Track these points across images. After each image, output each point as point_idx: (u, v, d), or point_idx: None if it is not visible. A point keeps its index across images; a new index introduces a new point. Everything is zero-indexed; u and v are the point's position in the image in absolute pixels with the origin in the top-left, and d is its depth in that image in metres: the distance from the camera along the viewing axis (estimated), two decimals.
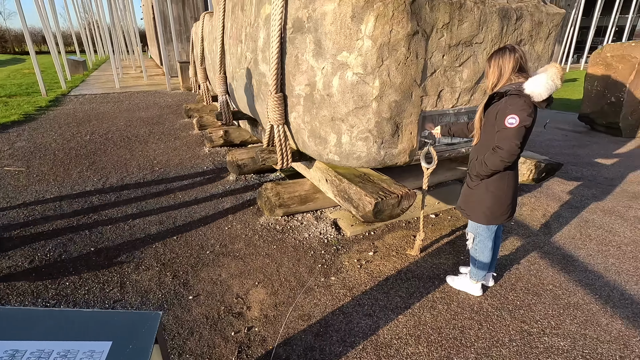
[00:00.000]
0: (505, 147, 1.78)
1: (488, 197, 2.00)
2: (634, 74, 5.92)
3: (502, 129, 1.79)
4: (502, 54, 1.82)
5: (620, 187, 4.20)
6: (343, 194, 2.61)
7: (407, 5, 2.06)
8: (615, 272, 2.60)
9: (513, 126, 1.75)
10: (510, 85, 1.80)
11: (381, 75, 2.17)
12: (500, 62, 1.82)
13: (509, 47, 1.81)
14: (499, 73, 1.83)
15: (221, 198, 3.74)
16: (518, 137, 1.76)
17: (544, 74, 1.74)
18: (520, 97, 1.74)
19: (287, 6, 2.44)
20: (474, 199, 2.06)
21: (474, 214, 2.08)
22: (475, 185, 2.03)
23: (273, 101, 2.68)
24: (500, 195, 1.98)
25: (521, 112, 1.73)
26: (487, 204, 2.01)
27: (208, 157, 5.04)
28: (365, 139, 2.34)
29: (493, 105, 1.86)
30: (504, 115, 1.77)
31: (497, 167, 1.86)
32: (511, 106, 1.75)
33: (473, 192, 2.06)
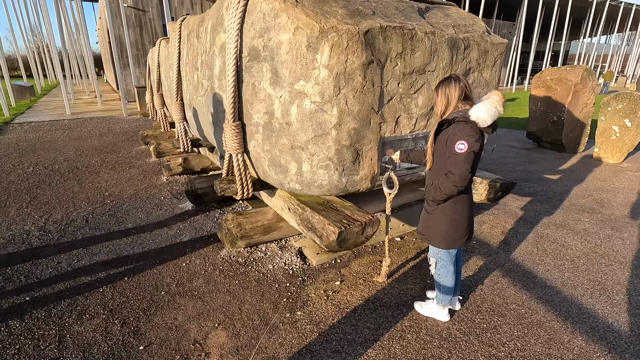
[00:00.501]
0: (457, 172, 1.83)
1: (445, 221, 2.02)
2: (570, 95, 6.47)
3: (452, 154, 1.84)
4: (448, 83, 1.89)
5: (568, 201, 4.47)
6: (306, 223, 2.54)
7: (361, 36, 2.10)
8: (572, 287, 2.70)
9: (462, 151, 1.80)
10: (457, 113, 1.86)
11: (339, 103, 2.17)
12: (447, 91, 1.89)
13: (454, 77, 1.89)
14: (446, 101, 1.90)
15: (179, 231, 3.52)
16: (468, 161, 1.82)
17: (487, 101, 1.83)
18: (467, 124, 1.81)
19: (242, 35, 2.41)
20: (432, 224, 2.08)
21: (434, 239, 2.09)
22: (432, 210, 2.05)
23: (230, 130, 2.59)
24: (457, 219, 2.01)
25: (469, 137, 1.79)
26: (445, 227, 2.03)
27: (166, 186, 4.79)
28: (326, 167, 2.31)
29: (443, 131, 1.91)
30: (453, 141, 1.82)
31: (451, 192, 1.90)
32: (459, 132, 1.80)
33: (431, 217, 2.07)
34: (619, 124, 6.04)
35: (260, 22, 2.28)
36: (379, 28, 2.17)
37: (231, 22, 2.39)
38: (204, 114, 3.37)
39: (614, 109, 6.09)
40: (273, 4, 2.20)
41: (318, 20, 2.07)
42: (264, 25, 2.26)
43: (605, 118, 6.21)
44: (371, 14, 2.32)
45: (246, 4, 2.33)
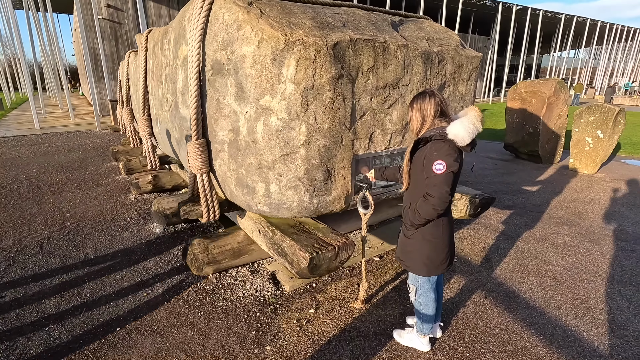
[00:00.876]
0: (435, 195, 1.70)
1: (425, 246, 1.88)
2: (545, 107, 6.58)
3: (430, 175, 1.71)
4: (422, 98, 1.78)
5: (547, 213, 4.45)
6: (276, 247, 2.36)
7: (329, 49, 1.98)
8: (555, 306, 2.59)
9: (441, 172, 1.67)
10: (433, 130, 1.75)
11: (307, 120, 2.02)
12: (422, 106, 1.78)
13: (429, 92, 1.79)
14: (422, 118, 1.78)
15: (143, 256, 3.26)
16: (447, 183, 1.69)
17: (465, 118, 1.72)
18: (445, 142, 1.70)
19: (205, 47, 2.25)
20: (411, 249, 1.93)
21: (414, 266, 1.95)
22: (411, 234, 1.91)
23: (194, 148, 2.40)
24: (438, 243, 1.88)
25: (447, 157, 1.67)
26: (425, 253, 1.89)
27: (134, 205, 4.51)
28: (295, 188, 2.15)
29: (419, 150, 1.79)
30: (431, 161, 1.70)
31: (431, 216, 1.76)
32: (437, 152, 1.69)
33: (410, 241, 1.93)
34: (591, 135, 6.16)
35: (223, 34, 2.13)
36: (348, 40, 2.06)
37: (192, 33, 2.23)
38: (170, 130, 3.17)
39: (587, 121, 6.22)
40: (236, 15, 2.06)
41: (283, 32, 1.94)
42: (227, 37, 2.11)
43: (578, 130, 6.32)
44: (341, 26, 2.21)
45: (208, 15, 2.18)
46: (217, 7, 2.15)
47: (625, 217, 4.33)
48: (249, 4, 2.09)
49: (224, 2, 2.12)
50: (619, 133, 6.23)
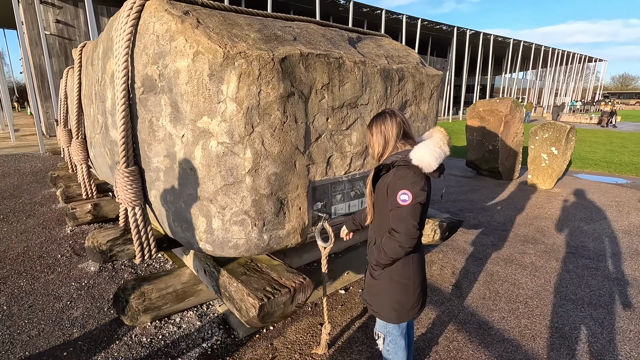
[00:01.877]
0: (401, 230, 1.46)
1: (394, 288, 1.63)
2: (502, 125, 6.76)
3: (395, 207, 1.48)
4: (382, 119, 1.58)
5: (512, 231, 4.41)
6: (223, 290, 2.02)
7: (277, 64, 1.74)
8: (531, 337, 2.43)
9: (407, 203, 1.44)
10: (396, 155, 1.53)
11: (253, 144, 1.75)
12: (382, 128, 1.57)
13: (389, 112, 1.59)
14: (383, 141, 1.57)
15: (70, 302, 2.77)
16: (414, 216, 1.46)
17: (430, 140, 1.52)
18: (409, 169, 1.48)
19: (134, 61, 1.94)
20: (378, 292, 1.67)
21: (382, 311, 1.68)
22: (378, 274, 1.65)
23: (123, 177, 2.05)
24: (408, 285, 1.63)
25: (413, 186, 1.45)
26: (395, 296, 1.63)
27: (69, 240, 3.96)
28: (241, 223, 1.84)
29: (382, 177, 1.57)
30: (395, 190, 1.47)
31: (398, 254, 1.52)
32: (400, 180, 1.47)
33: (376, 282, 1.67)
34: (547, 151, 6.36)
35: (153, 46, 1.84)
36: (298, 55, 1.84)
37: (118, 45, 1.92)
38: (103, 155, 2.77)
39: (542, 138, 6.43)
40: (168, 25, 1.78)
41: (223, 44, 1.68)
42: (158, 49, 1.82)
43: (534, 146, 6.52)
44: (291, 39, 1.99)
45: (136, 24, 1.89)
46: (146, 15, 1.86)
47: (585, 232, 4.38)
48: (184, 13, 1.83)
49: (155, 10, 1.84)
50: (571, 149, 6.49)
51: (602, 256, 3.72)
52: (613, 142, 13.31)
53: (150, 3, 1.89)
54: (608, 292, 3.02)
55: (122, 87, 1.93)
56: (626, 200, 5.74)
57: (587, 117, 23.73)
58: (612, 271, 3.39)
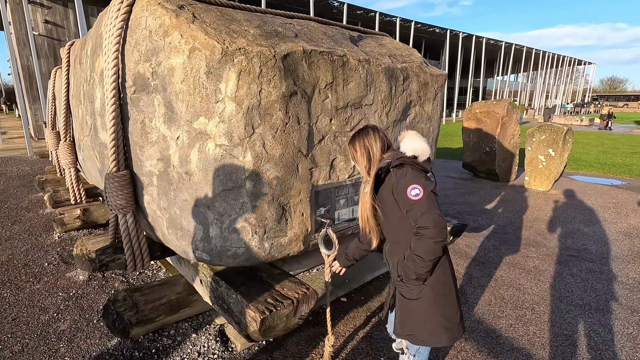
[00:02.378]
0: (429, 224, 1.34)
1: (441, 303, 1.49)
2: (499, 127, 6.73)
3: (410, 205, 1.39)
4: (365, 133, 1.56)
5: (512, 234, 4.35)
6: (221, 302, 1.90)
7: (279, 61, 1.63)
8: (540, 346, 2.34)
9: (420, 196, 1.37)
10: (387, 159, 1.49)
11: (253, 146, 1.64)
12: (366, 142, 1.54)
13: (370, 127, 1.59)
14: (367, 154, 1.53)
15: (57, 314, 2.62)
16: (434, 205, 1.39)
17: (409, 135, 1.53)
18: (405, 166, 1.44)
19: (125, 58, 1.82)
20: (422, 314, 1.50)
21: (431, 335, 1.50)
22: (418, 293, 1.49)
23: (113, 182, 1.92)
24: (451, 294, 1.53)
25: (417, 179, 1.40)
26: (443, 312, 1.49)
27: (56, 246, 3.80)
28: (241, 230, 1.73)
29: (383, 185, 1.50)
30: (402, 190, 1.40)
31: (436, 253, 1.38)
32: (402, 178, 1.41)
33: (417, 304, 1.50)
34: (544, 153, 6.34)
35: (146, 42, 1.72)
36: (301, 52, 1.73)
37: (108, 42, 1.80)
38: (92, 158, 2.63)
39: (539, 140, 6.41)
40: (162, 19, 1.66)
41: (221, 40, 1.57)
42: (151, 45, 1.70)
43: (531, 148, 6.50)
44: (293, 36, 1.89)
45: (127, 18, 1.77)
46: (138, 9, 1.75)
47: (585, 235, 4.34)
48: (178, 7, 1.71)
49: (147, 4, 1.72)
50: (568, 151, 6.48)
51: (605, 259, 3.67)
52: (605, 144, 13.44)
53: None
54: (614, 297, 2.96)
55: (112, 86, 1.81)
56: (623, 202, 5.73)
57: (578, 119, 24.01)
58: (616, 274, 3.34)
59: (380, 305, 2.78)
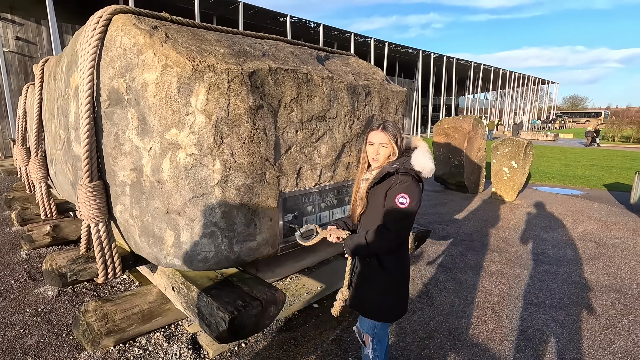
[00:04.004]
0: (394, 230, 1.58)
1: (391, 284, 1.72)
2: (466, 141, 7.11)
3: (391, 207, 1.58)
4: (400, 130, 1.73)
5: (479, 241, 4.59)
6: (192, 307, 1.96)
7: (246, 77, 1.78)
8: (498, 341, 2.51)
9: (404, 206, 1.56)
10: (394, 164, 1.65)
11: (222, 155, 1.76)
12: (399, 136, 1.71)
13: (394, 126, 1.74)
14: (397, 145, 1.69)
15: (24, 330, 2.58)
16: (408, 219, 1.59)
17: (421, 148, 1.70)
18: (409, 175, 1.61)
19: (100, 74, 1.92)
20: (374, 291, 1.73)
21: (378, 310, 1.74)
22: (373, 272, 1.72)
23: (86, 192, 1.98)
24: (402, 280, 1.76)
25: (412, 192, 1.57)
26: (393, 292, 1.73)
27: (24, 264, 3.71)
28: (211, 235, 1.82)
29: (381, 184, 1.66)
30: (394, 193, 1.58)
31: (380, 251, 1.65)
32: (400, 184, 1.58)
33: (372, 281, 1.73)
34: (507, 165, 6.73)
35: (120, 59, 1.84)
36: (267, 70, 1.89)
37: (84, 58, 1.90)
38: (64, 171, 2.67)
39: (502, 153, 6.81)
40: (136, 39, 1.79)
41: (192, 58, 1.71)
42: (126, 62, 1.82)
43: (496, 161, 6.89)
44: (260, 55, 2.05)
45: (102, 37, 1.88)
46: (113, 29, 1.87)
47: (545, 240, 4.63)
48: (152, 28, 1.85)
49: (122, 24, 1.85)
50: (529, 163, 6.91)
51: (561, 262, 3.94)
52: (567, 157, 14.28)
53: (117, 17, 1.89)
54: (567, 295, 3.19)
55: (87, 100, 1.90)
56: (580, 210, 6.14)
57: (544, 135, 25.38)
58: (570, 275, 3.59)
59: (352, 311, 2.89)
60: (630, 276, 3.59)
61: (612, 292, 3.26)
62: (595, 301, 3.09)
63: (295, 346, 2.42)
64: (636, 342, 2.52)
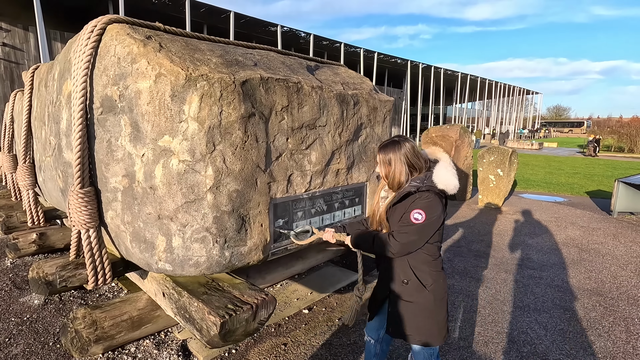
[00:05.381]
0: (401, 241, 1.56)
1: (439, 306, 1.66)
2: (453, 149, 7.27)
3: (406, 221, 1.56)
4: (399, 147, 1.61)
5: (466, 247, 4.68)
6: (183, 312, 1.98)
7: (238, 86, 1.84)
8: (483, 343, 2.57)
9: (418, 222, 1.52)
10: (414, 181, 1.59)
11: (214, 161, 1.81)
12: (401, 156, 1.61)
13: (405, 142, 1.65)
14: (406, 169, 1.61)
15: (9, 339, 2.54)
16: (419, 235, 1.55)
17: (443, 162, 1.63)
18: (430, 192, 1.55)
19: (93, 82, 1.95)
20: (420, 317, 1.65)
21: (430, 335, 1.66)
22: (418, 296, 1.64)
23: (77, 198, 1.99)
24: (445, 300, 1.70)
25: (430, 209, 1.52)
26: (442, 315, 1.67)
27: (8, 273, 3.65)
28: (202, 240, 1.85)
29: (401, 203, 1.60)
30: (412, 209, 1.54)
31: (381, 254, 1.70)
32: (421, 200, 1.53)
33: (417, 307, 1.65)
34: (493, 173, 6.90)
35: (114, 68, 1.88)
36: (259, 79, 1.95)
37: (77, 66, 1.93)
38: (54, 177, 2.66)
39: (488, 161, 6.98)
40: (130, 48, 1.83)
41: (185, 67, 1.76)
42: (119, 71, 1.86)
43: (482, 169, 7.05)
44: (252, 65, 2.11)
45: (96, 46, 1.92)
46: (107, 38, 1.91)
47: (530, 245, 4.75)
48: (146, 37, 1.89)
49: (117, 34, 1.89)
50: (514, 170, 7.09)
51: (544, 266, 4.05)
52: (551, 165, 14.65)
53: (112, 27, 1.94)
54: (550, 299, 3.28)
55: (80, 107, 1.93)
56: (563, 216, 6.32)
57: (529, 144, 26.00)
58: (553, 279, 3.70)
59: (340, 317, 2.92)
60: (610, 280, 3.71)
61: (593, 295, 3.37)
62: (577, 304, 3.19)
63: (286, 351, 2.44)
64: (615, 343, 2.62)
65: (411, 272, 1.64)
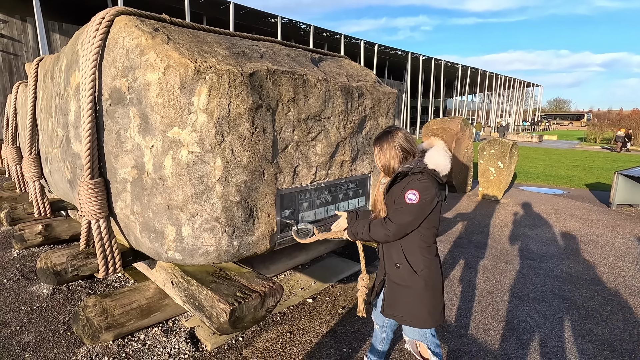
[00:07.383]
0: (396, 222, 1.59)
1: (431, 293, 1.69)
2: (454, 142, 7.29)
3: (400, 202, 1.60)
4: (392, 137, 1.70)
5: (466, 238, 4.74)
6: (192, 300, 2.02)
7: (246, 78, 1.86)
8: (484, 331, 2.63)
9: (412, 202, 1.56)
10: (408, 164, 1.64)
11: (223, 153, 1.84)
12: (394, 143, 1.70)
13: (397, 131, 1.73)
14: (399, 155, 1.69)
15: (20, 327, 2.59)
16: (414, 215, 1.58)
17: (437, 147, 1.69)
18: (424, 174, 1.59)
19: (102, 74, 1.97)
20: (411, 300, 1.70)
21: (418, 318, 1.71)
22: (411, 282, 1.68)
23: (87, 189, 2.02)
24: (439, 288, 1.73)
25: (423, 189, 1.55)
26: (432, 301, 1.70)
27: (15, 263, 3.70)
28: (212, 230, 1.89)
29: (396, 185, 1.65)
30: (405, 190, 1.58)
31: (378, 240, 1.70)
32: (415, 182, 1.58)
33: (409, 292, 1.70)
34: (494, 165, 6.93)
35: (123, 60, 1.89)
36: (266, 71, 1.97)
37: (86, 58, 1.94)
38: (62, 169, 2.69)
39: (489, 153, 7.01)
40: (138, 40, 1.85)
41: (193, 59, 1.78)
42: (128, 63, 1.88)
43: (483, 161, 7.09)
44: (258, 57, 2.13)
45: (105, 38, 1.93)
46: (116, 30, 1.92)
47: (529, 237, 4.81)
48: (154, 29, 1.91)
49: (125, 25, 1.90)
50: (515, 163, 7.12)
51: (544, 257, 4.11)
52: (551, 158, 14.69)
53: (120, 19, 1.95)
54: (549, 288, 3.35)
55: (89, 99, 1.95)
56: (563, 209, 6.37)
57: (529, 136, 25.99)
58: (552, 270, 3.76)
59: (344, 305, 2.98)
60: (608, 270, 3.77)
61: (591, 285, 3.43)
62: (575, 294, 3.25)
63: (291, 339, 2.50)
64: (612, 331, 2.68)
65: (403, 256, 1.69)
